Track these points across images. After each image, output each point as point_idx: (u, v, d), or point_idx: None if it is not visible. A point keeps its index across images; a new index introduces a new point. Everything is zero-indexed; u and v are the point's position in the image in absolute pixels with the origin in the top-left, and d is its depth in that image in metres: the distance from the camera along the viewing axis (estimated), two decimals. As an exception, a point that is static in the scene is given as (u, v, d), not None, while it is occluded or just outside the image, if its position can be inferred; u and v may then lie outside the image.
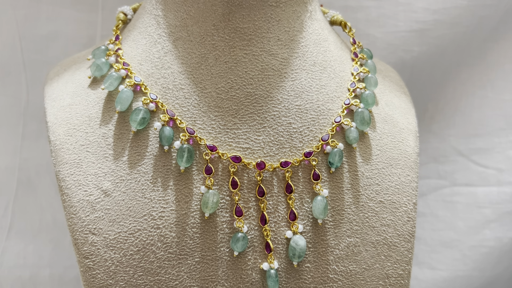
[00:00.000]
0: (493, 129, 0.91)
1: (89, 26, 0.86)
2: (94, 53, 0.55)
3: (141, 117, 0.49)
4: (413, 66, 0.89)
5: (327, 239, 0.49)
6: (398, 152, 0.54)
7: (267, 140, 0.50)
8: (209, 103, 0.50)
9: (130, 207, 0.48)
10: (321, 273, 0.49)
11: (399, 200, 0.52)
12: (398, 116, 0.57)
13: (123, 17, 0.59)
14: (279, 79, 0.51)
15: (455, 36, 0.87)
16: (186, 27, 0.51)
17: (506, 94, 0.90)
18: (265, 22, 0.51)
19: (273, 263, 0.48)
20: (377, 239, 0.51)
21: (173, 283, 0.48)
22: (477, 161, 0.92)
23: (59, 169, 0.49)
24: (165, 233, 0.48)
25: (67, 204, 0.48)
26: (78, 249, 0.48)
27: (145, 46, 0.53)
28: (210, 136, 0.50)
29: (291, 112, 0.51)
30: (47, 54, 0.85)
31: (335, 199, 0.50)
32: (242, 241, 0.48)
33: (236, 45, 0.50)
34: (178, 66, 0.51)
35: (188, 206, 0.48)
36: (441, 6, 0.85)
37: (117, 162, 0.49)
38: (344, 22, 0.60)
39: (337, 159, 0.50)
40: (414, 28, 0.87)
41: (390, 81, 0.61)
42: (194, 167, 0.49)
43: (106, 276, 0.47)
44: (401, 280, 0.51)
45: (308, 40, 0.53)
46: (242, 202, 0.49)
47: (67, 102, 0.53)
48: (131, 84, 0.51)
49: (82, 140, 0.50)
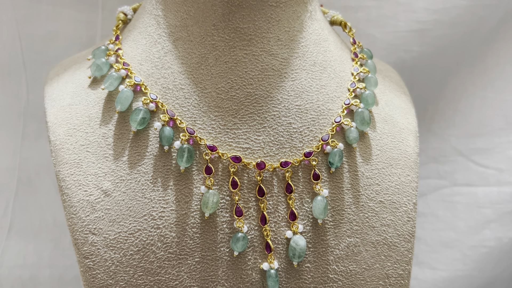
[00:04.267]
0: (493, 129, 0.91)
1: (89, 26, 0.86)
2: (94, 53, 0.55)
3: (141, 117, 0.49)
4: (413, 66, 0.89)
5: (327, 239, 0.49)
6: (398, 152, 0.54)
7: (267, 140, 0.50)
8: (209, 103, 0.50)
9: (130, 207, 0.48)
10: (321, 273, 0.49)
11: (399, 200, 0.52)
12: (398, 116, 0.57)
13: (123, 17, 0.59)
14: (279, 79, 0.51)
15: (455, 36, 0.87)
16: (186, 27, 0.51)
17: (506, 94, 0.90)
18: (265, 22, 0.51)
19: (273, 263, 0.48)
20: (377, 239, 0.51)
21: (173, 283, 0.48)
22: (477, 161, 0.92)
23: (59, 169, 0.49)
24: (165, 233, 0.48)
25: (67, 204, 0.48)
26: (78, 249, 0.48)
27: (145, 46, 0.53)
28: (210, 136, 0.50)
29: (291, 112, 0.51)
30: (47, 54, 0.86)
31: (335, 199, 0.50)
32: (242, 241, 0.48)
33: (236, 45, 0.50)
34: (178, 66, 0.51)
35: (188, 206, 0.48)
36: (441, 6, 0.85)
37: (117, 162, 0.49)
38: (344, 22, 0.60)
39: (337, 159, 0.50)
40: (414, 28, 0.87)
41: (390, 81, 0.61)
42: (194, 167, 0.49)
43: (106, 276, 0.47)
44: (401, 280, 0.51)
45: (308, 40, 0.53)
46: (242, 202, 0.49)
47: (67, 102, 0.53)
48: (131, 84, 0.51)
49: (82, 140, 0.50)
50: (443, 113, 0.92)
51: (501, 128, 0.91)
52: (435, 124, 0.93)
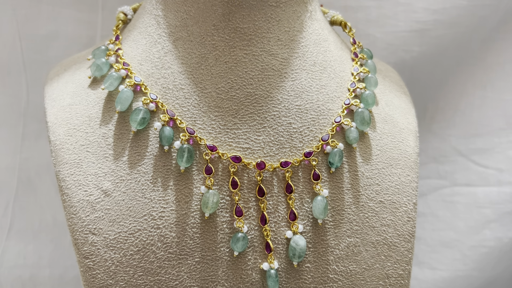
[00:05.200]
0: (493, 129, 0.91)
1: (89, 26, 0.86)
2: (94, 53, 0.55)
3: (141, 117, 0.49)
4: (413, 66, 0.89)
5: (327, 239, 0.49)
6: (398, 152, 0.54)
7: (267, 140, 0.50)
8: (209, 103, 0.50)
9: (130, 207, 0.48)
10: (321, 273, 0.49)
11: (399, 200, 0.52)
12: (398, 116, 0.57)
13: (123, 17, 0.59)
14: (279, 79, 0.51)
15: (455, 36, 0.87)
16: (186, 27, 0.51)
17: (506, 94, 0.90)
18: (265, 22, 0.51)
19: (273, 263, 0.48)
20: (377, 239, 0.51)
21: (173, 283, 0.48)
22: (477, 161, 0.92)
23: (59, 169, 0.49)
24: (165, 233, 0.48)
25: (67, 204, 0.48)
26: (78, 249, 0.48)
27: (145, 46, 0.53)
28: (210, 136, 0.50)
29: (291, 112, 0.51)
30: (47, 54, 0.86)
31: (335, 199, 0.50)
32: (242, 241, 0.48)
33: (236, 45, 0.50)
34: (178, 66, 0.51)
35: (188, 206, 0.48)
36: (441, 6, 0.85)
37: (117, 162, 0.49)
38: (344, 22, 0.60)
39: (337, 159, 0.50)
40: (414, 28, 0.87)
41: (390, 81, 0.61)
42: (194, 167, 0.49)
43: (106, 276, 0.47)
44: (401, 280, 0.51)
45: (308, 40, 0.53)
46: (242, 202, 0.49)
47: (67, 102, 0.53)
48: (131, 84, 0.51)
49: (82, 140, 0.50)
50: (443, 113, 0.92)
51: (501, 128, 0.91)
52: (435, 124, 0.93)
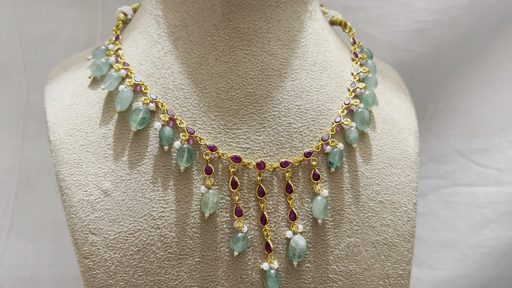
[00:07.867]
0: (493, 129, 0.91)
1: (89, 26, 0.86)
2: (94, 53, 0.55)
3: (141, 117, 0.49)
4: (413, 66, 0.89)
5: (327, 239, 0.49)
6: (398, 152, 0.54)
7: (267, 140, 0.50)
8: (209, 103, 0.50)
9: (130, 207, 0.48)
10: (321, 273, 0.49)
11: (399, 200, 0.52)
12: (398, 116, 0.57)
13: (123, 17, 0.59)
14: (279, 79, 0.51)
15: (455, 36, 0.87)
16: (186, 27, 0.51)
17: (506, 94, 0.90)
18: (265, 22, 0.51)
19: (273, 263, 0.48)
20: (377, 239, 0.51)
21: (173, 283, 0.48)
22: (477, 161, 0.92)
23: (59, 169, 0.49)
24: (165, 233, 0.48)
25: (67, 204, 0.48)
26: (78, 249, 0.48)
27: (145, 46, 0.53)
28: (210, 136, 0.50)
29: (291, 112, 0.51)
30: (47, 54, 0.86)
31: (335, 199, 0.50)
32: (242, 241, 0.48)
33: (236, 45, 0.50)
34: (178, 66, 0.51)
35: (188, 206, 0.48)
36: (441, 6, 0.85)
37: (117, 162, 0.49)
38: (344, 22, 0.60)
39: (337, 159, 0.50)
40: (414, 28, 0.87)
41: (390, 81, 0.61)
42: (194, 167, 0.49)
43: (106, 276, 0.47)
44: (401, 280, 0.51)
45: (308, 40, 0.53)
46: (242, 202, 0.49)
47: (67, 102, 0.53)
48: (131, 84, 0.51)
49: (82, 140, 0.50)
50: (443, 113, 0.92)
51: (501, 128, 0.91)
52: (435, 124, 0.93)
